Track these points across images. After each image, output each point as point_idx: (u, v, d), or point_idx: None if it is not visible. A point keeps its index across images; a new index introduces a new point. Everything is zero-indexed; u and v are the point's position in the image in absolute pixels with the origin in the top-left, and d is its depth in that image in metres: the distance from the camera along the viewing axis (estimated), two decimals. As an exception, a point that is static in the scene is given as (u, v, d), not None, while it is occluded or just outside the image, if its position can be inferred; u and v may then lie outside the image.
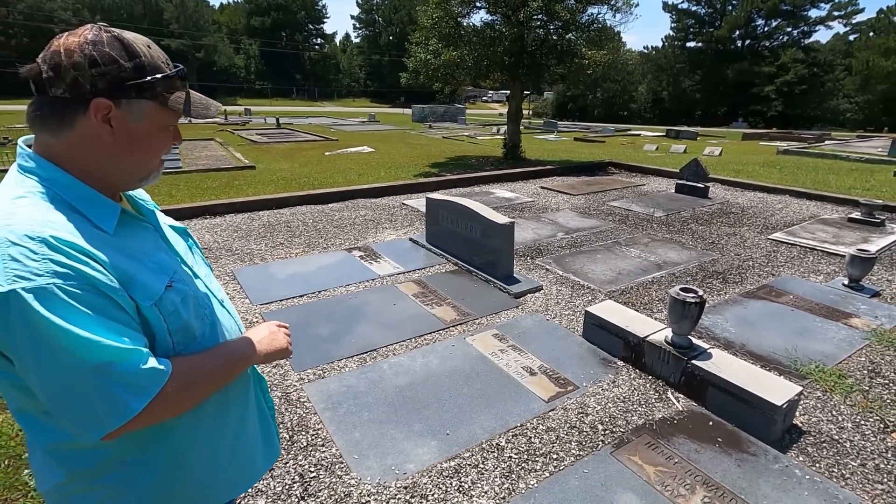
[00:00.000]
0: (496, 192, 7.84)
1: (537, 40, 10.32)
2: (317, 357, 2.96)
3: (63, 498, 0.86)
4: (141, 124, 0.82)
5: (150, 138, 0.85)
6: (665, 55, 49.61)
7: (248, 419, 1.03)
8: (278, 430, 1.20)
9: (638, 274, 4.40)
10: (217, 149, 12.65)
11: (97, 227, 0.79)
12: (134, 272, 0.79)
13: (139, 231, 0.89)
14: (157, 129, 0.85)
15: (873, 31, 45.15)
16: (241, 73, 56.83)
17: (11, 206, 0.74)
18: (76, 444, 0.81)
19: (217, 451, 0.95)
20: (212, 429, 0.93)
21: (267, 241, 5.15)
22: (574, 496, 1.98)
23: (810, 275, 4.46)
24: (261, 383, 1.11)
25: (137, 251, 0.83)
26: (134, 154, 0.84)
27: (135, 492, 0.85)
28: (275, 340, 1.02)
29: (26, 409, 0.80)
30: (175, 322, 0.83)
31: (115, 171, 0.84)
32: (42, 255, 0.69)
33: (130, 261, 0.80)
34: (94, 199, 0.81)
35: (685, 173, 7.86)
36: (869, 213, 6.05)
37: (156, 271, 0.83)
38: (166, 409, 0.80)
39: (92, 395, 0.72)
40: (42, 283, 0.68)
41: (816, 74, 42.46)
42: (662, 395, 2.66)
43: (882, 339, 3.24)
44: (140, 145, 0.84)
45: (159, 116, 0.84)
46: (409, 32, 12.44)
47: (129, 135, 0.82)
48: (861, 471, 2.15)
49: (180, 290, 0.86)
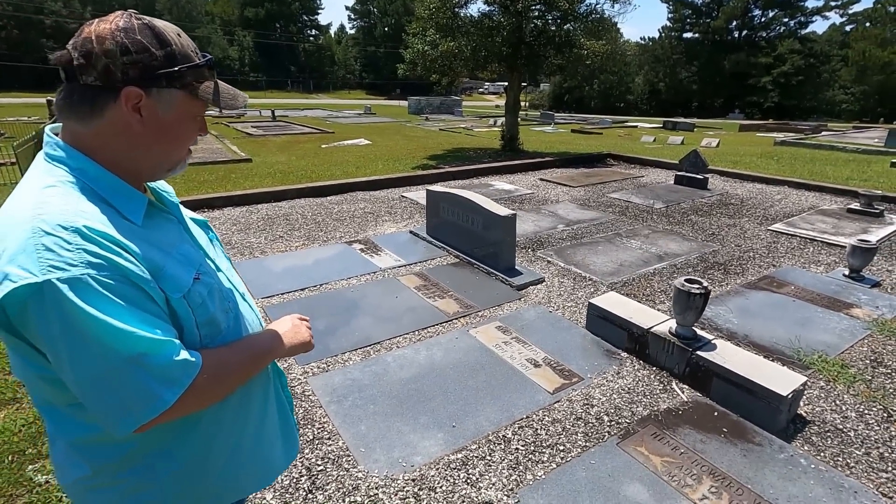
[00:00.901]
0: (495, 184, 7.81)
1: (535, 31, 10.25)
2: (321, 351, 2.94)
3: (87, 491, 0.85)
4: (171, 114, 0.81)
5: (179, 128, 0.84)
6: (662, 46, 49.43)
7: (269, 413, 1.03)
8: (297, 424, 1.18)
9: (639, 265, 4.40)
10: (213, 142, 12.54)
11: (126, 218, 0.78)
12: (163, 264, 0.78)
13: (165, 223, 0.88)
14: (187, 118, 0.84)
15: (869, 21, 45.13)
16: (235, 65, 56.24)
17: (42, 196, 0.73)
18: (102, 438, 0.80)
19: (240, 443, 0.94)
20: (235, 421, 0.93)
21: (266, 234, 5.12)
22: (582, 487, 1.98)
23: (811, 265, 4.47)
24: (280, 377, 1.10)
25: (165, 243, 0.82)
26: (162, 144, 0.83)
27: (158, 484, 0.85)
28: (298, 333, 1.01)
29: (52, 401, 0.79)
30: (202, 314, 0.83)
31: (144, 161, 0.83)
32: (76, 245, 0.68)
33: (159, 252, 0.79)
34: (123, 190, 0.80)
35: (684, 164, 7.85)
36: (868, 203, 6.06)
37: (183, 263, 0.83)
38: (197, 402, 0.79)
39: (125, 386, 0.71)
40: (77, 274, 0.67)
41: (813, 65, 42.43)
42: (667, 386, 2.66)
43: (883, 329, 3.26)
44: (169, 135, 0.83)
45: (189, 106, 0.83)
46: (405, 23, 12.33)
47: (159, 124, 0.81)
48: (865, 459, 2.16)
49: (207, 282, 0.85)
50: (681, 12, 49.12)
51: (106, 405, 0.72)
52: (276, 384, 1.08)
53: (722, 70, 44.73)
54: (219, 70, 6.16)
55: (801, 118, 36.33)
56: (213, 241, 1.03)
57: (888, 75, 38.85)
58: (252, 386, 0.96)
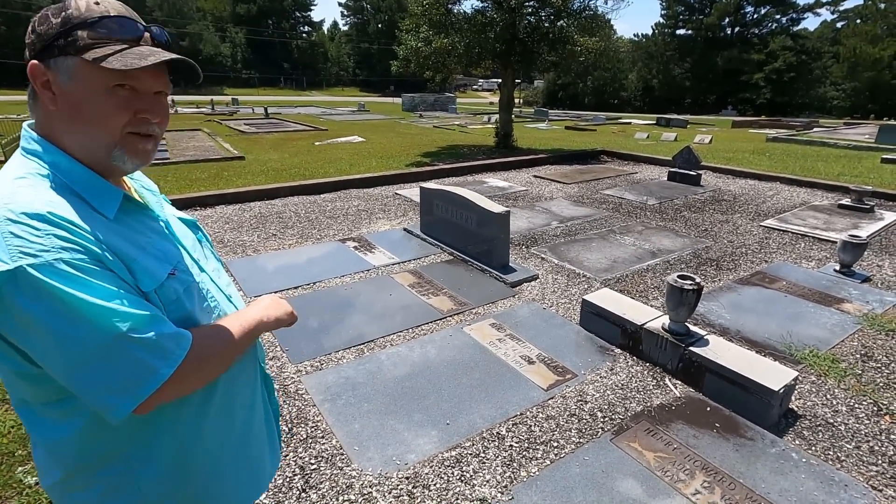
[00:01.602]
0: (489, 182, 7.80)
1: (529, 27, 10.22)
2: (314, 349, 2.93)
3: (65, 493, 0.84)
4: (73, 86, 0.74)
5: (91, 103, 0.75)
6: (655, 43, 49.57)
7: (255, 420, 1.00)
8: (280, 433, 1.16)
9: (633, 262, 4.41)
10: (204, 139, 12.45)
11: (98, 212, 0.76)
12: (136, 256, 0.76)
13: (143, 219, 0.86)
14: (96, 91, 0.75)
15: (860, 18, 45.41)
16: (227, 61, 55.81)
17: (11, 187, 0.72)
18: (75, 438, 0.78)
19: (222, 449, 0.92)
20: (217, 425, 0.90)
21: (259, 232, 5.09)
22: (576, 483, 1.99)
23: (802, 261, 4.50)
24: (267, 384, 1.08)
25: (139, 238, 0.80)
26: (78, 123, 0.76)
27: (137, 487, 0.83)
28: (281, 305, 0.99)
29: (28, 400, 0.78)
30: (176, 312, 0.80)
31: (75, 146, 0.78)
32: (45, 231, 0.67)
33: (131, 246, 0.77)
34: (96, 184, 0.78)
35: (677, 161, 7.88)
36: (859, 199, 6.11)
37: (159, 259, 0.80)
38: (196, 376, 0.78)
39: (119, 363, 0.69)
40: (50, 259, 0.66)
41: (804, 62, 42.70)
42: (660, 381, 2.67)
43: (874, 324, 3.28)
44: (82, 112, 0.76)
45: (91, 75, 0.74)
46: (399, 20, 12.28)
47: (67, 100, 0.75)
48: (856, 453, 2.18)
49: (184, 280, 0.83)
50: (674, 9, 49.25)
51: (100, 387, 0.69)
52: (263, 391, 1.06)
53: (715, 67, 44.93)
54: (210, 67, 6.02)
55: (793, 115, 36.60)
56: (202, 241, 1.01)
57: (879, 72, 39.14)
58: (235, 388, 0.94)
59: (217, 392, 0.89)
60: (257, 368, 1.03)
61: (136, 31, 0.78)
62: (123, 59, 0.73)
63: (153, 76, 0.79)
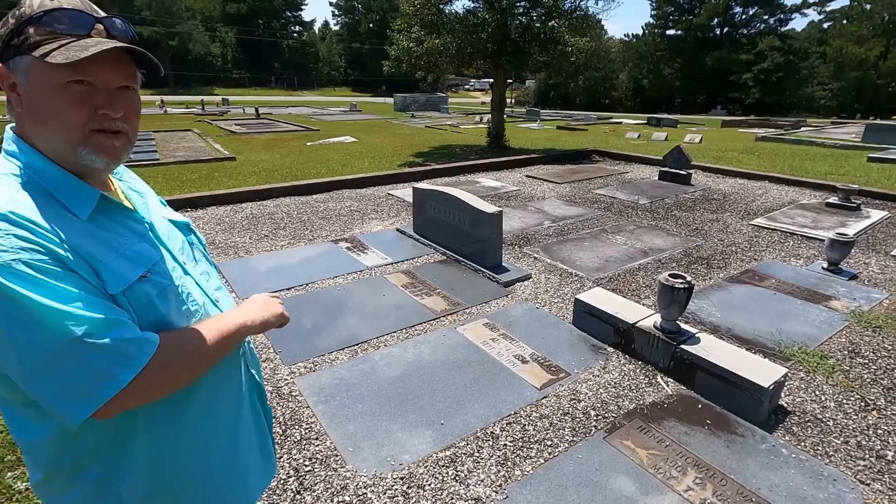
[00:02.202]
0: (482, 182, 7.82)
1: (520, 27, 10.26)
2: (307, 350, 2.92)
3: (46, 495, 0.84)
4: (29, 84, 0.74)
5: (46, 102, 0.74)
6: (645, 43, 49.89)
7: (242, 429, 0.97)
8: (274, 441, 1.15)
9: (624, 261, 4.44)
10: (195, 140, 12.36)
11: (71, 212, 0.76)
12: (103, 258, 0.74)
13: (122, 220, 0.84)
14: (52, 88, 0.73)
15: (846, 18, 46.04)
16: (217, 61, 55.35)
17: None
18: (53, 440, 0.77)
19: (206, 459, 0.90)
20: (198, 435, 0.88)
21: (251, 233, 5.06)
22: (569, 481, 2.00)
23: (791, 259, 4.56)
24: (260, 392, 1.06)
25: (113, 240, 0.78)
26: (40, 122, 0.76)
27: (115, 494, 0.81)
28: (269, 306, 0.97)
29: (10, 400, 0.76)
30: (148, 315, 0.78)
31: (44, 146, 0.77)
32: (5, 231, 0.66)
33: (102, 248, 0.75)
34: (70, 185, 0.77)
35: (668, 161, 7.94)
36: (846, 197, 6.19)
37: (132, 260, 0.78)
38: (161, 382, 0.75)
39: (74, 369, 0.67)
40: (8, 259, 0.65)
41: (792, 62, 43.20)
42: (652, 379, 2.70)
43: (861, 321, 3.33)
44: (41, 111, 0.75)
45: (44, 73, 0.73)
46: (390, 20, 12.27)
47: (28, 100, 0.75)
48: (844, 448, 2.22)
49: (158, 283, 0.81)
50: (664, 9, 49.57)
51: (55, 392, 0.68)
52: (254, 396, 1.03)
53: (704, 67, 45.29)
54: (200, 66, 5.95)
55: (782, 114, 37.00)
56: (192, 244, 0.99)
57: (865, 72, 39.72)
58: (218, 393, 0.91)
59: (195, 400, 0.86)
60: (243, 375, 0.99)
61: (86, 24, 0.75)
62: (66, 53, 0.71)
63: (110, 70, 0.76)
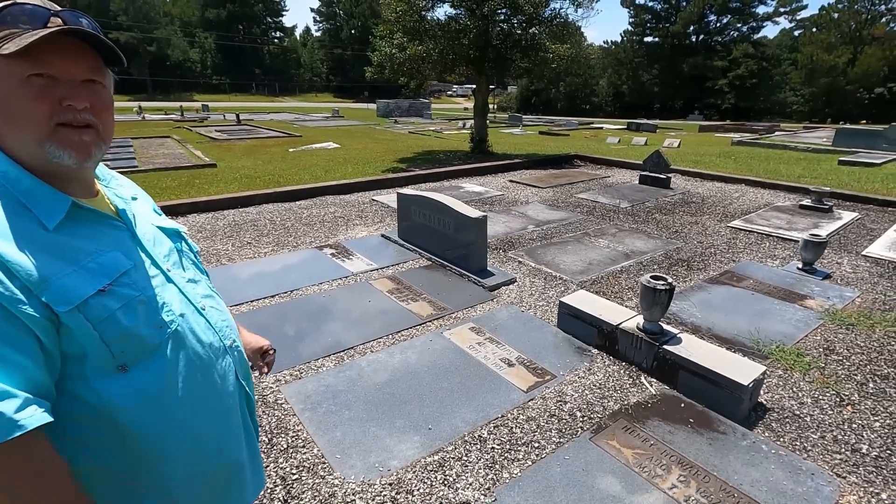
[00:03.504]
0: (466, 187, 7.86)
1: (502, 34, 10.37)
2: (293, 358, 2.90)
3: None
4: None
5: (9, 97, 0.73)
6: (624, 49, 50.85)
7: (232, 439, 0.95)
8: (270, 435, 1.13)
9: (607, 264, 4.51)
10: (174, 146, 12.17)
11: (40, 222, 0.74)
12: (52, 274, 0.71)
13: (99, 228, 0.82)
14: (12, 83, 0.72)
15: (816, 26, 47.64)
16: (196, 67, 54.75)
17: None
18: None
19: (192, 471, 0.87)
20: (183, 443, 0.85)
21: (233, 240, 5.00)
22: (557, 483, 2.02)
23: (767, 260, 4.68)
24: (249, 403, 1.03)
25: (78, 250, 0.75)
26: (6, 120, 0.74)
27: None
28: None
29: None
30: (111, 330, 0.74)
31: (15, 148, 0.76)
32: None
33: (58, 261, 0.72)
34: (39, 192, 0.75)
35: (648, 165, 8.09)
36: (818, 200, 6.39)
37: (94, 273, 0.75)
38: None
39: None
40: None
41: (765, 68, 44.46)
42: (636, 380, 2.74)
43: (835, 319, 3.44)
44: (5, 109, 0.74)
45: (4, 69, 0.72)
46: (372, 26, 12.29)
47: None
48: (821, 443, 2.28)
49: (123, 294, 0.77)
50: (641, 17, 50.67)
51: None
52: (244, 408, 1.00)
53: (681, 73, 46.33)
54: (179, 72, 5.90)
55: (756, 119, 38.00)
56: (180, 251, 0.96)
57: (834, 78, 41.12)
58: (209, 405, 0.88)
59: (183, 412, 0.83)
60: (232, 386, 0.95)
61: (43, 16, 0.74)
62: (18, 42, 0.70)
63: (71, 61, 0.75)
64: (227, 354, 0.94)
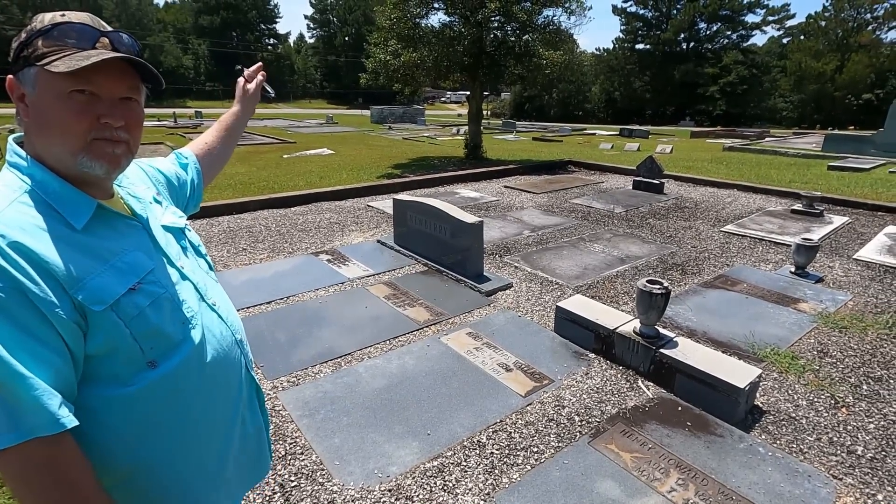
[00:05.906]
0: (461, 192, 7.88)
1: (496, 41, 10.45)
2: (290, 364, 2.89)
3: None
4: (36, 94, 0.76)
5: (49, 111, 0.76)
6: (616, 56, 51.32)
7: (237, 433, 0.98)
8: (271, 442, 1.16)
9: (603, 268, 4.53)
10: (167, 153, 12.12)
11: (69, 223, 0.76)
12: (86, 273, 0.73)
13: (121, 228, 0.84)
14: (56, 97, 0.75)
15: (804, 34, 48.36)
16: (189, 73, 54.66)
17: None
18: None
19: (194, 464, 0.89)
20: (187, 438, 0.87)
21: (229, 247, 4.98)
22: (556, 487, 2.02)
23: (761, 264, 4.72)
24: (259, 393, 1.07)
25: (107, 250, 0.78)
26: (45, 130, 0.77)
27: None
28: None
29: None
30: (141, 326, 0.77)
31: (47, 155, 0.78)
32: None
33: (91, 260, 0.75)
34: (67, 194, 0.78)
35: (641, 170, 8.15)
36: (809, 204, 6.46)
37: (123, 272, 0.78)
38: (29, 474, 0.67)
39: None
40: None
41: (755, 75, 45.04)
42: (633, 384, 2.75)
43: (828, 322, 3.47)
44: (47, 120, 0.76)
45: (49, 83, 0.75)
46: (366, 33, 12.36)
47: (34, 110, 0.77)
48: (817, 445, 2.30)
49: (151, 292, 0.80)
50: (633, 25, 51.20)
51: None
52: (254, 398, 1.05)
53: (672, 80, 46.80)
54: (172, 79, 5.92)
55: (747, 125, 38.45)
56: (187, 249, 0.98)
57: (822, 84, 41.70)
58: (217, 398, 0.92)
59: (188, 405, 0.86)
60: (243, 377, 1.00)
61: (92, 37, 0.77)
62: (69, 62, 0.73)
63: (113, 80, 0.78)
64: (238, 347, 0.99)
